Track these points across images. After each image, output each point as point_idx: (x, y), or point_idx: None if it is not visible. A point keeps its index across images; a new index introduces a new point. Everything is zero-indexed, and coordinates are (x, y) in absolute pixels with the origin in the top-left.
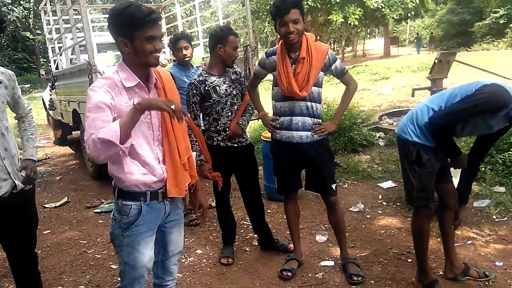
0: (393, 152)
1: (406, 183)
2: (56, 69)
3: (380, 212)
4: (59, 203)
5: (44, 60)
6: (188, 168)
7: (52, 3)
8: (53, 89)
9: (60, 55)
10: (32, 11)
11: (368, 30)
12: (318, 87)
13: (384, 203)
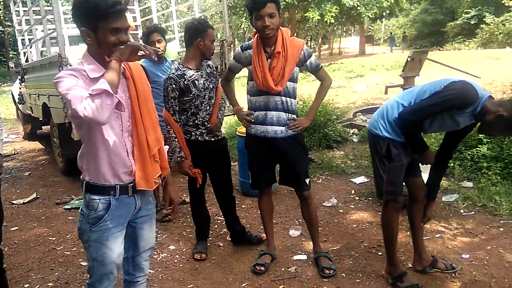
0: (366, 148)
1: (376, 177)
2: (26, 61)
3: (353, 206)
4: (27, 199)
5: (14, 52)
6: (158, 160)
7: None
8: (22, 82)
9: (30, 47)
10: (2, 2)
11: (344, 28)
12: (293, 83)
13: (357, 198)
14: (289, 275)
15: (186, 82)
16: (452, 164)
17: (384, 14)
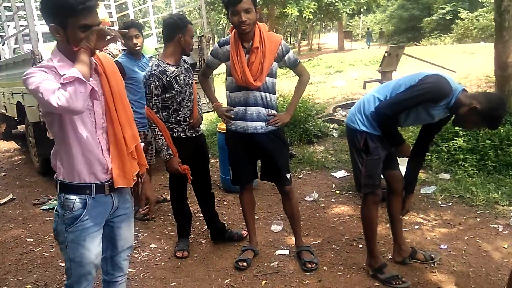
0: (346, 142)
1: (355, 170)
2: None
3: (333, 200)
4: (3, 201)
5: None
6: (136, 157)
7: None
8: None
9: (2, 45)
10: None
11: (323, 24)
12: (272, 78)
13: (337, 192)
14: (271, 270)
15: (168, 79)
16: (429, 157)
17: (362, 10)
